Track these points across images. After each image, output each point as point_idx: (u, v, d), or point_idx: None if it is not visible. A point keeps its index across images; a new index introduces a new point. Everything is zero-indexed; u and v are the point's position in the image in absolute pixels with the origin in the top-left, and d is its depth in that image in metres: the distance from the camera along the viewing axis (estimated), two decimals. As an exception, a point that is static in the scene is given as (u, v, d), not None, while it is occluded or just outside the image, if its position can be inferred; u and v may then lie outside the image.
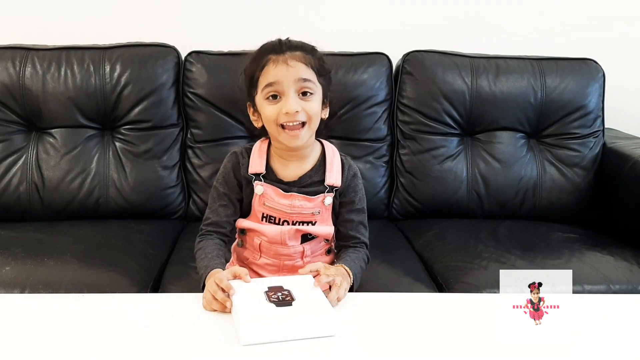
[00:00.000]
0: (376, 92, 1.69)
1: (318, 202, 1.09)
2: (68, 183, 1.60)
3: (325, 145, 1.13)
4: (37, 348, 0.82)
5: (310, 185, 1.09)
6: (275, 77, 1.00)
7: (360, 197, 1.13)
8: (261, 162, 1.09)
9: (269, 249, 1.12)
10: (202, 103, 1.67)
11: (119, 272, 1.27)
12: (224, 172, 1.11)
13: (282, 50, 1.01)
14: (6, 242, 1.40)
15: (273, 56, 1.01)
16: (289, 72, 0.99)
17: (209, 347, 0.83)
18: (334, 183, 1.09)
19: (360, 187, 1.13)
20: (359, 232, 1.13)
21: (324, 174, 1.09)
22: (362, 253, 1.11)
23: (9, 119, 1.62)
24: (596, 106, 1.75)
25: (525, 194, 1.71)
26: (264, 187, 1.08)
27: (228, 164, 1.11)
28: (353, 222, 1.12)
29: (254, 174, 1.08)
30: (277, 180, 1.09)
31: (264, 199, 1.08)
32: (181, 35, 1.77)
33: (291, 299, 0.89)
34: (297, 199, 1.08)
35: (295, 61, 1.00)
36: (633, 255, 1.44)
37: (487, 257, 1.40)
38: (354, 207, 1.12)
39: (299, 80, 1.00)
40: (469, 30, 1.92)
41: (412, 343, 0.85)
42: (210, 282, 0.93)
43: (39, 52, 1.63)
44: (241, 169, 1.10)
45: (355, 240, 1.12)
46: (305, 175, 1.09)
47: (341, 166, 1.11)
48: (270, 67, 1.00)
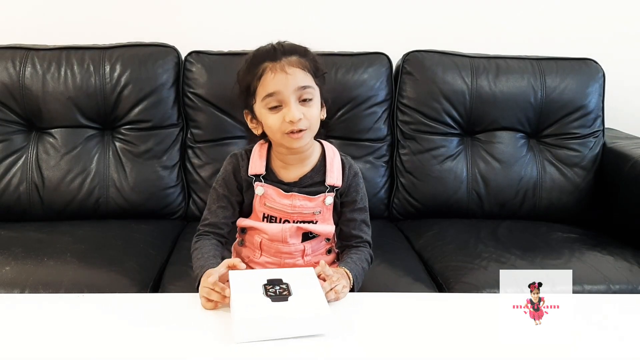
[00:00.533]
0: (376, 92, 1.70)
1: (319, 201, 1.09)
2: (68, 183, 1.60)
3: (325, 145, 1.13)
4: (37, 348, 0.82)
5: (311, 185, 1.09)
6: (275, 87, 0.99)
7: (362, 196, 1.13)
8: (261, 163, 1.09)
9: (270, 247, 1.12)
10: (202, 103, 1.67)
11: (119, 272, 1.27)
12: (224, 174, 1.11)
13: (278, 57, 1.00)
14: (6, 242, 1.40)
15: (269, 64, 1.00)
16: (288, 80, 0.99)
17: (208, 347, 0.83)
18: (334, 183, 1.09)
19: (362, 186, 1.13)
20: (362, 230, 1.13)
21: (324, 175, 1.10)
22: (364, 253, 1.11)
23: (9, 119, 1.62)
24: (596, 106, 1.75)
25: (525, 194, 1.71)
26: (264, 187, 1.08)
27: (228, 166, 1.11)
28: (356, 221, 1.12)
29: (254, 175, 1.09)
30: (277, 181, 1.09)
31: (264, 200, 1.09)
32: (181, 35, 1.77)
33: (288, 294, 0.89)
34: (298, 199, 1.08)
35: (293, 68, 0.99)
36: (633, 255, 1.44)
37: (487, 257, 1.40)
38: (356, 206, 1.12)
39: (298, 88, 0.99)
40: (469, 30, 1.92)
41: (412, 343, 0.85)
42: (201, 288, 0.93)
43: (39, 52, 1.63)
44: (241, 171, 1.10)
45: (358, 240, 1.12)
46: (306, 176, 1.09)
47: (342, 166, 1.11)
48: (268, 77, 0.99)
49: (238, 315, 0.84)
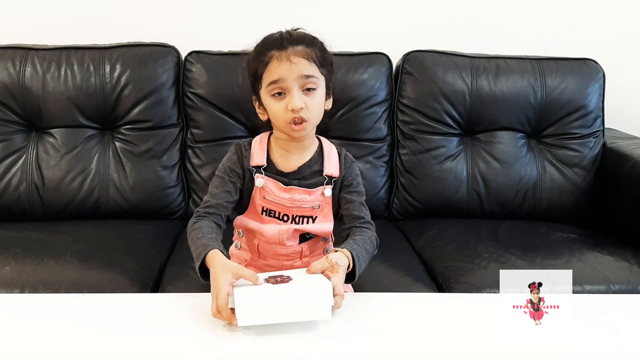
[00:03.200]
0: (376, 92, 1.70)
1: (317, 194, 1.09)
2: (68, 183, 1.60)
3: (322, 139, 1.15)
4: (37, 348, 0.82)
5: (309, 176, 1.10)
6: (278, 74, 1.01)
7: (358, 181, 1.14)
8: (262, 155, 1.10)
9: (267, 250, 1.12)
10: (202, 103, 1.67)
11: (119, 272, 1.27)
12: (229, 161, 1.11)
13: (284, 46, 1.02)
14: (6, 242, 1.40)
15: (276, 52, 1.02)
16: (292, 69, 1.00)
17: (208, 347, 0.83)
18: (332, 173, 1.11)
19: (357, 173, 1.15)
20: (362, 212, 1.13)
21: (322, 165, 1.11)
22: (368, 234, 1.10)
23: (9, 119, 1.62)
24: (596, 106, 1.75)
25: (525, 194, 1.71)
26: (264, 180, 1.08)
27: (233, 155, 1.12)
28: (355, 202, 1.12)
29: (255, 167, 1.09)
30: (277, 172, 1.10)
31: (264, 193, 1.09)
32: (181, 35, 1.77)
33: (289, 279, 0.91)
34: (297, 192, 1.08)
35: (297, 57, 1.01)
36: (633, 255, 1.44)
37: (487, 257, 1.40)
38: (353, 189, 1.13)
39: (302, 77, 1.01)
40: (469, 30, 1.92)
41: (412, 343, 0.85)
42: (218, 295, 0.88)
43: (39, 52, 1.63)
44: (244, 160, 1.10)
45: (361, 220, 1.12)
46: (305, 165, 1.10)
47: (338, 157, 1.13)
48: (273, 65, 1.01)
49: (240, 298, 0.84)
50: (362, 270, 1.04)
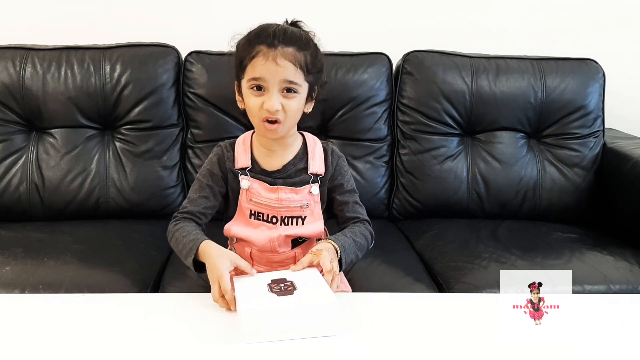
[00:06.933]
0: (376, 92, 1.70)
1: (305, 193, 1.08)
2: (68, 183, 1.60)
3: (305, 135, 1.13)
4: (37, 348, 0.82)
5: (295, 174, 1.08)
6: (261, 73, 0.99)
7: (347, 179, 1.13)
8: (246, 156, 1.09)
9: (261, 257, 1.11)
10: (202, 103, 1.67)
11: (119, 272, 1.28)
12: (210, 164, 1.10)
13: (274, 44, 0.99)
14: (6, 242, 1.40)
15: (264, 49, 0.99)
16: (277, 71, 0.98)
17: (209, 347, 0.83)
18: (317, 171, 1.09)
19: (346, 169, 1.13)
20: (357, 211, 1.12)
21: (307, 162, 1.09)
22: (359, 227, 1.10)
23: (9, 119, 1.62)
24: (596, 106, 1.75)
25: (525, 194, 1.71)
26: (250, 181, 1.07)
27: (214, 157, 1.11)
28: (348, 203, 1.12)
29: (240, 169, 1.08)
30: (261, 172, 1.08)
31: (250, 195, 1.07)
32: (181, 35, 1.77)
33: (293, 289, 0.89)
34: (284, 192, 1.07)
35: (285, 60, 0.98)
36: (633, 255, 1.44)
37: (487, 257, 1.40)
38: (345, 189, 1.12)
39: (284, 81, 0.99)
40: (469, 30, 1.92)
41: (412, 343, 0.85)
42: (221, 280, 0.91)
43: (39, 52, 1.63)
44: (226, 162, 1.09)
45: (355, 220, 1.11)
46: (289, 163, 1.09)
47: (324, 154, 1.11)
48: (259, 61, 0.99)
49: (245, 310, 0.84)
50: (351, 260, 1.03)
